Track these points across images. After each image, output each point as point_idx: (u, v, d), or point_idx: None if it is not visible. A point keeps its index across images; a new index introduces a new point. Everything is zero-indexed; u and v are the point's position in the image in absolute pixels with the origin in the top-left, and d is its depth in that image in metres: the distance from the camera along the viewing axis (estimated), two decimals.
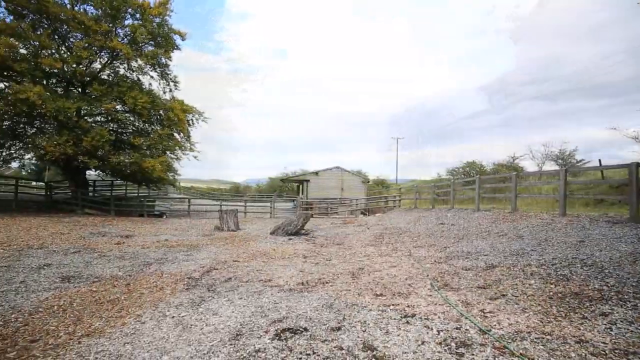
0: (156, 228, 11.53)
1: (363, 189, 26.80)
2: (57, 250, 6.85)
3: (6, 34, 12.59)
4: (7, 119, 13.66)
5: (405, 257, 6.41)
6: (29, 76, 12.81)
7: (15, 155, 15.93)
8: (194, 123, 18.54)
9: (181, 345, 2.80)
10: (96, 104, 14.56)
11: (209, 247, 7.77)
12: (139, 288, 4.47)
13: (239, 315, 3.46)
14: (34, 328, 3.20)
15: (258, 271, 5.44)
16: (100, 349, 2.77)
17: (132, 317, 3.45)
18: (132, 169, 15.08)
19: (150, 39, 16.13)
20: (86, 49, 14.27)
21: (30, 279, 4.79)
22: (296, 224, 10.30)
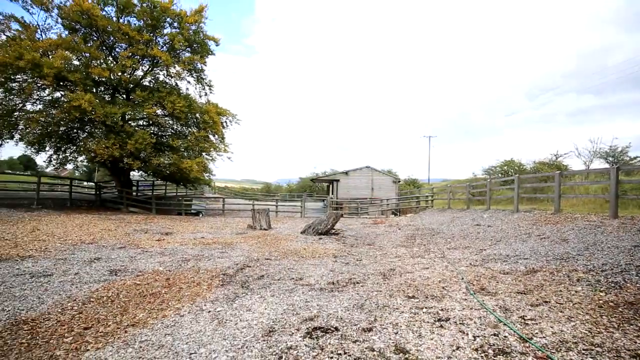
0: (193, 226, 12.08)
1: (394, 189, 26.33)
2: (106, 246, 7.40)
3: (62, 48, 13.78)
4: (62, 125, 14.95)
5: (439, 259, 6.22)
6: (81, 85, 13.92)
7: (70, 157, 17.39)
8: (227, 125, 19.22)
9: (217, 339, 2.93)
10: (139, 109, 15.52)
11: (242, 245, 8.02)
12: (178, 283, 4.72)
13: (271, 312, 3.54)
14: (87, 316, 3.49)
15: (289, 269, 5.53)
16: (144, 338, 2.97)
17: (172, 310, 3.65)
18: (171, 169, 15.96)
19: (187, 45, 16.92)
20: (130, 58, 15.25)
21: (83, 271, 5.21)
22: (326, 224, 10.35)
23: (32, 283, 4.49)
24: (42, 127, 14.49)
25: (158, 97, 15.70)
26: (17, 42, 13.14)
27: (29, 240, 7.37)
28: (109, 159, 14.50)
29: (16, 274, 4.84)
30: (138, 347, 2.80)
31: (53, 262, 5.64)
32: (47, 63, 12.72)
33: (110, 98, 16.25)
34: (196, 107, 17.07)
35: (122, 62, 15.04)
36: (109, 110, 13.67)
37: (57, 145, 16.28)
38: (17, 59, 12.25)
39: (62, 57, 13.50)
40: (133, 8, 15.78)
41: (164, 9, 16.01)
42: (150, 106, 15.37)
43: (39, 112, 14.71)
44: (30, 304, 3.76)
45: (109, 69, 14.99)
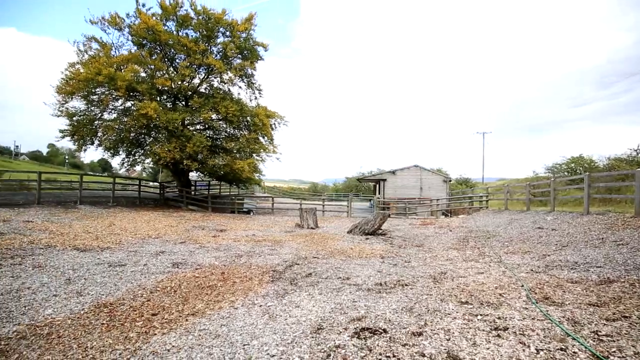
0: (245, 224, 12.71)
1: (444, 189, 25.12)
2: (169, 240, 8.11)
3: (132, 62, 15.38)
4: (133, 131, 16.68)
5: (495, 264, 5.82)
6: (148, 95, 15.41)
7: (139, 160, 19.36)
8: (276, 127, 19.91)
9: (268, 332, 3.06)
10: (196, 114, 16.74)
11: (290, 243, 8.26)
12: (232, 277, 5.01)
13: (319, 310, 3.61)
14: (154, 304, 3.86)
15: (336, 269, 5.58)
16: (202, 327, 3.21)
17: (227, 303, 3.90)
18: (225, 170, 17.01)
19: (238, 52, 17.85)
20: (188, 68, 16.52)
21: (151, 263, 5.77)
22: (373, 224, 10.22)
23: (110, 271, 5.09)
24: (117, 134, 16.32)
25: (213, 102, 16.78)
26: (97, 59, 14.94)
27: (107, 233, 8.35)
28: (171, 161, 15.88)
29: (97, 263, 5.52)
30: (197, 335, 3.03)
31: (126, 254, 6.33)
32: (120, 76, 14.28)
33: (171, 105, 17.74)
34: (247, 111, 17.95)
35: (181, 72, 16.34)
36: (170, 116, 14.95)
37: (128, 150, 18.21)
38: (96, 75, 13.93)
39: (132, 70, 15.07)
40: (190, 21, 17.06)
41: (217, 20, 17.07)
42: (206, 111, 16.51)
43: (114, 121, 16.61)
44: (108, 290, 4.27)
45: (170, 79, 16.37)
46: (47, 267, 5.09)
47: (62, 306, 3.69)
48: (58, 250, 6.26)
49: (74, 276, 4.76)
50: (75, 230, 8.40)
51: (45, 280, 4.49)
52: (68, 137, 16.11)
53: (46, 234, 7.60)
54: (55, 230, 8.15)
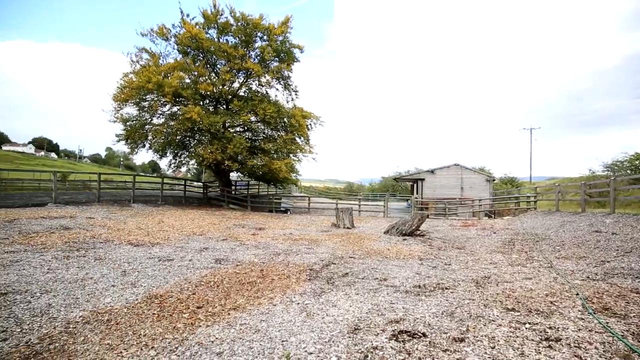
0: (282, 223, 13.00)
1: (487, 188, 23.78)
2: (212, 238, 8.52)
3: (178, 69, 16.38)
4: (179, 134, 17.76)
5: (545, 270, 5.42)
6: (192, 99, 16.32)
7: (184, 161, 20.58)
8: (312, 127, 20.13)
9: (305, 330, 3.12)
10: (236, 117, 17.43)
11: (326, 243, 8.31)
12: (270, 274, 5.16)
13: (356, 310, 3.60)
14: (199, 297, 4.09)
15: (373, 269, 5.52)
16: (243, 321, 3.34)
17: (266, 299, 4.02)
18: (263, 170, 17.54)
19: (275, 55, 18.30)
20: (228, 72, 17.24)
21: (195, 258, 6.11)
22: (411, 224, 9.97)
23: (159, 265, 5.47)
24: (164, 137, 17.47)
25: (252, 105, 17.37)
26: (147, 68, 16.09)
27: (157, 230, 8.98)
28: (213, 162, 16.69)
29: (148, 257, 5.96)
30: (238, 329, 3.17)
31: (173, 249, 6.76)
32: (167, 83, 15.26)
33: (213, 109, 18.63)
34: (284, 112, 18.35)
35: (222, 77, 17.11)
36: (212, 119, 15.71)
37: (175, 152, 19.42)
38: (147, 82, 15.02)
39: (177, 77, 16.04)
40: (230, 28, 17.79)
41: (255, 25, 17.62)
42: (245, 114, 17.13)
43: (162, 125, 17.81)
44: (158, 283, 4.59)
45: (212, 84, 17.20)
46: (106, 260, 5.59)
47: (119, 296, 4.04)
48: (115, 244, 6.85)
49: (129, 269, 5.18)
50: (130, 227, 9.13)
51: (104, 272, 4.93)
52: (123, 140, 17.56)
53: (105, 230, 8.34)
54: (112, 226, 8.91)
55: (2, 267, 4.79)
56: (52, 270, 4.82)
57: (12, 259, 5.21)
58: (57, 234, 7.32)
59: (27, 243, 6.35)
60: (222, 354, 2.69)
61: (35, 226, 7.96)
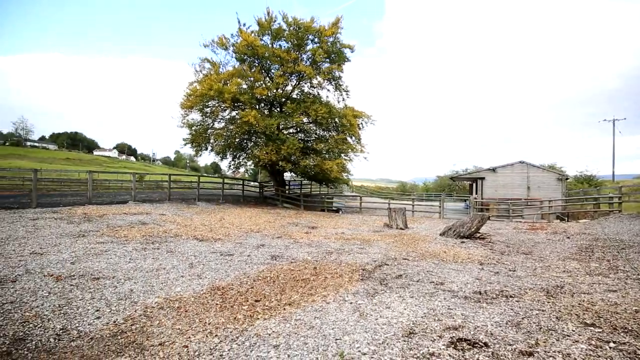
0: (334, 222, 13.11)
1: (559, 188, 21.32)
2: (268, 235, 8.92)
3: (236, 76, 17.42)
4: (237, 137, 18.88)
5: (634, 282, 4.71)
6: (249, 104, 17.24)
7: (242, 162, 21.83)
8: (363, 126, 19.97)
9: (359, 330, 3.12)
10: (289, 119, 18.00)
11: (379, 243, 8.19)
12: (323, 272, 5.25)
13: (410, 313, 3.51)
14: (256, 291, 4.32)
15: (429, 272, 5.31)
16: (298, 317, 3.45)
17: (319, 297, 4.10)
18: (315, 170, 17.87)
19: (326, 57, 18.50)
20: (282, 76, 17.87)
21: (253, 254, 6.46)
22: (469, 226, 9.37)
23: (221, 260, 5.88)
24: (224, 140, 18.72)
25: (304, 107, 17.79)
26: (209, 77, 17.37)
27: (218, 227, 9.66)
28: (268, 163, 17.45)
29: (211, 252, 6.44)
30: (294, 324, 3.28)
31: (233, 245, 7.22)
32: (227, 90, 16.31)
33: (268, 112, 19.45)
34: (335, 112, 18.47)
35: (276, 81, 17.79)
36: (267, 122, 16.42)
37: (234, 154, 20.70)
38: (209, 90, 16.22)
39: (235, 83, 17.06)
40: (283, 33, 18.41)
41: (306, 28, 18.00)
42: (298, 115, 17.60)
43: (222, 129, 19.09)
44: (220, 276, 4.95)
45: (267, 88, 17.97)
46: (176, 253, 6.18)
47: (187, 286, 4.44)
48: (183, 239, 7.53)
49: (195, 261, 5.66)
50: (195, 223, 9.96)
51: (175, 263, 5.46)
52: (189, 144, 19.18)
53: (174, 225, 9.21)
54: (181, 223, 9.81)
55: (95, 256, 5.56)
56: (132, 260, 5.47)
57: (102, 249, 6.02)
58: (136, 228, 8.27)
59: (113, 235, 7.28)
60: (278, 347, 2.82)
61: (119, 221, 9.09)
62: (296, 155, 17.52)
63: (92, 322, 3.26)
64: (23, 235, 6.70)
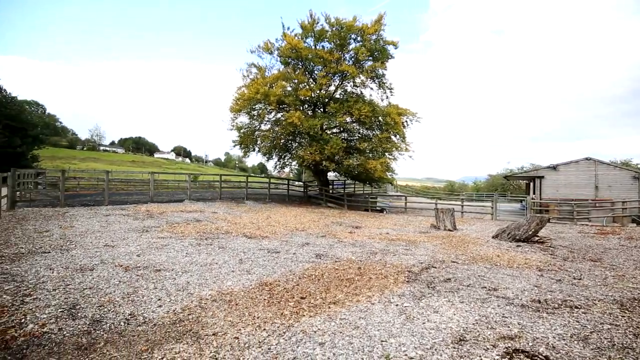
0: (379, 222, 12.92)
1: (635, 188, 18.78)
2: (312, 234, 9.06)
3: (280, 79, 17.93)
4: (282, 138, 19.42)
5: None
6: (293, 105, 17.64)
7: (287, 163, 22.40)
8: (408, 124, 19.41)
9: (405, 333, 3.06)
10: (332, 119, 18.08)
11: (425, 244, 7.92)
12: (368, 273, 5.21)
13: (460, 319, 3.36)
14: (302, 288, 4.42)
15: (480, 277, 5.03)
16: (342, 316, 3.48)
17: (364, 297, 4.09)
18: (359, 169, 17.76)
19: (369, 55, 18.28)
20: (325, 77, 18.01)
21: (298, 252, 6.61)
22: (526, 229, 8.66)
23: (268, 257, 6.11)
24: (270, 141, 19.36)
25: (347, 106, 17.76)
26: (255, 81, 18.09)
27: (265, 225, 10.03)
28: (312, 163, 17.70)
29: (259, 249, 6.72)
30: (338, 323, 3.31)
31: (279, 243, 7.45)
32: (272, 93, 16.85)
33: (311, 113, 19.72)
34: (378, 111, 18.19)
35: (319, 82, 17.98)
36: (311, 122, 16.66)
37: (279, 154, 21.31)
38: (255, 93, 16.89)
39: (280, 86, 17.56)
40: (325, 34, 18.54)
41: (349, 28, 17.95)
42: (341, 115, 17.63)
43: (268, 130, 19.76)
44: (268, 272, 5.14)
45: (310, 89, 18.23)
46: (227, 249, 6.54)
47: (237, 280, 4.68)
48: (233, 236, 7.94)
49: (244, 257, 5.94)
50: (244, 221, 10.44)
51: (226, 259, 5.78)
52: (237, 145, 20.14)
53: (225, 223, 9.75)
54: (231, 220, 10.35)
55: (156, 249, 6.09)
56: (188, 255, 5.90)
57: (162, 244, 6.57)
58: (191, 225, 8.90)
59: (172, 231, 7.91)
60: (324, 344, 2.87)
61: (177, 218, 9.84)
62: (339, 155, 17.55)
63: (155, 309, 3.58)
64: (98, 229, 7.56)
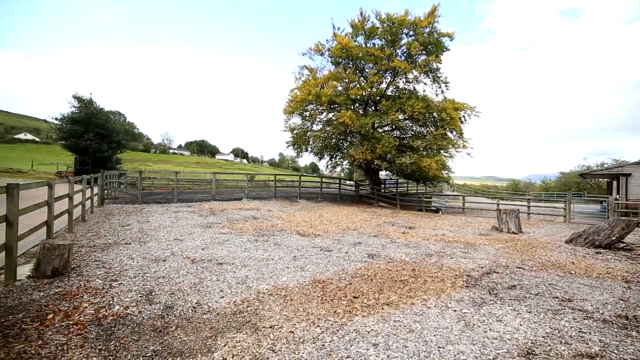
0: (434, 222, 12.37)
1: None
2: (364, 233, 9.01)
3: (331, 79, 18.08)
4: (333, 138, 19.57)
5: None
6: (344, 105, 17.67)
7: (338, 162, 22.52)
8: (465, 119, 18.28)
9: (464, 341, 2.90)
10: (384, 117, 17.74)
11: (486, 248, 7.39)
12: (423, 275, 5.03)
13: (528, 330, 3.09)
14: (354, 288, 4.42)
15: (551, 285, 4.56)
16: (396, 318, 3.41)
17: (419, 300, 3.96)
18: (412, 168, 17.17)
19: (422, 49, 17.58)
20: (376, 75, 17.72)
21: (350, 251, 6.62)
22: (608, 234, 7.61)
23: (321, 255, 6.22)
24: (322, 141, 19.62)
25: (399, 103, 17.29)
26: (307, 82, 18.48)
27: (318, 223, 10.21)
28: (363, 162, 17.57)
29: (312, 247, 6.86)
30: (392, 325, 3.26)
31: (332, 241, 7.53)
32: (323, 93, 17.07)
33: (362, 111, 19.56)
34: (433, 107, 17.41)
35: (370, 80, 17.75)
36: (362, 121, 16.53)
37: (331, 154, 21.52)
38: (307, 95, 17.26)
39: (331, 86, 17.71)
40: (376, 31, 18.24)
41: (400, 23, 17.44)
42: (393, 113, 17.23)
43: (319, 130, 20.05)
44: (321, 270, 5.24)
45: (361, 88, 18.09)
46: (282, 246, 6.80)
47: (292, 276, 4.85)
48: (287, 233, 8.22)
49: (298, 255, 6.12)
50: (297, 219, 10.75)
51: (281, 255, 6.02)
52: (291, 146, 20.79)
53: (280, 221, 10.13)
54: (285, 218, 10.73)
55: (218, 244, 6.57)
56: (247, 250, 6.25)
57: (224, 239, 7.06)
58: (249, 222, 9.42)
59: (232, 227, 8.45)
60: (377, 345, 2.85)
61: (236, 215, 10.48)
62: (392, 154, 17.15)
63: (218, 300, 3.87)
64: (169, 224, 8.38)
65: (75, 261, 4.95)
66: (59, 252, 4.33)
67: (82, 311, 3.34)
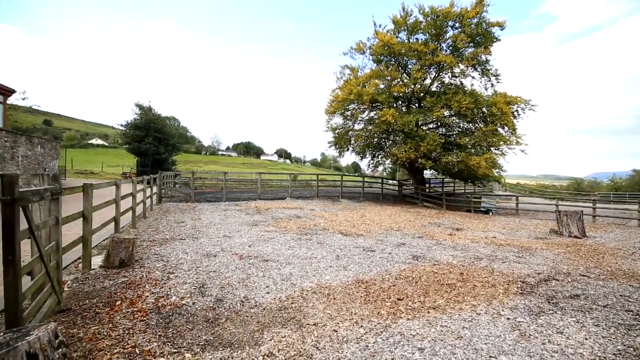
0: (483, 224, 11.68)
1: None
2: (408, 234, 8.78)
3: (373, 77, 17.82)
4: (375, 136, 19.29)
5: None
6: (386, 103, 17.33)
7: (380, 161, 22.16)
8: (519, 114, 16.98)
9: (519, 352, 2.72)
10: (428, 114, 17.09)
11: (543, 252, 6.81)
12: (472, 280, 4.78)
13: (595, 345, 2.81)
14: (398, 289, 4.34)
15: (623, 297, 4.08)
16: (444, 324, 3.29)
17: (468, 305, 3.78)
18: (459, 167, 16.31)
19: (469, 41, 16.64)
20: (419, 70, 17.14)
21: (394, 252, 6.50)
22: None
23: (364, 255, 6.18)
24: (364, 140, 19.43)
25: (445, 99, 16.54)
26: (349, 82, 18.41)
27: (360, 223, 10.15)
28: (406, 161, 17.09)
29: (355, 246, 6.84)
30: (439, 330, 3.15)
31: (374, 242, 7.45)
32: (365, 92, 16.88)
33: (405, 109, 19.04)
34: (482, 101, 16.42)
35: (413, 76, 17.21)
36: (405, 119, 16.09)
37: (373, 153, 21.24)
38: (349, 94, 17.19)
39: (373, 85, 17.46)
40: (419, 25, 17.62)
41: (445, 15, 16.67)
42: (438, 109, 16.52)
43: (361, 130, 19.87)
44: (364, 270, 5.21)
45: (404, 85, 17.61)
46: (324, 244, 6.88)
47: (335, 276, 4.88)
48: (330, 232, 8.29)
49: (341, 254, 6.15)
50: (339, 219, 10.78)
51: (324, 254, 6.08)
52: (332, 146, 20.86)
53: (322, 220, 10.24)
54: (327, 217, 10.81)
55: (264, 242, 6.82)
56: (291, 248, 6.41)
57: (269, 237, 7.31)
58: (292, 221, 9.64)
59: (276, 226, 8.72)
60: (423, 350, 2.78)
61: (280, 214, 10.79)
62: (437, 152, 16.45)
63: (264, 295, 4.03)
64: (218, 222, 8.87)
65: (138, 254, 5.46)
66: (125, 245, 4.81)
67: (144, 299, 3.68)
